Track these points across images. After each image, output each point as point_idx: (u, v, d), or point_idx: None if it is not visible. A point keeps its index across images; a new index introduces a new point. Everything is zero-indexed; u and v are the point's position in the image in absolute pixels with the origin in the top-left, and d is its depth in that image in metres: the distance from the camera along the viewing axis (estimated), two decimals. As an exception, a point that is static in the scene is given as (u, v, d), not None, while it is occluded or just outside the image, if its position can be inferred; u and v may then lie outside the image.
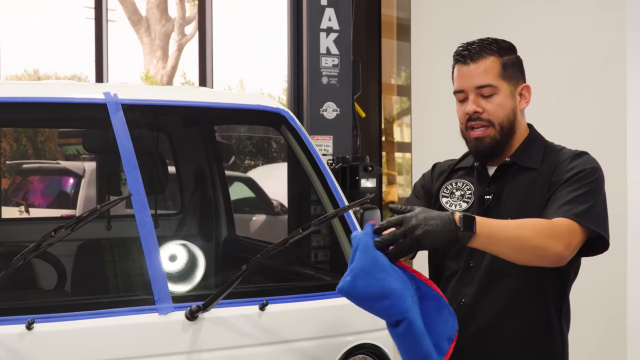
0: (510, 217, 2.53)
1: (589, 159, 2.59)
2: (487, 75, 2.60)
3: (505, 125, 2.62)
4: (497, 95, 2.61)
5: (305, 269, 3.66)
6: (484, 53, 2.62)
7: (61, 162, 11.22)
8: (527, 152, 2.65)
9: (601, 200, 2.54)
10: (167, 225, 4.24)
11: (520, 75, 2.68)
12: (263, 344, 3.00)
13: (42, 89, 3.27)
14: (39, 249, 2.54)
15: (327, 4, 5.30)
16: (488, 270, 2.60)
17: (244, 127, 11.85)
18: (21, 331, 2.65)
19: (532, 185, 2.59)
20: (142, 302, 2.85)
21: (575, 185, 2.50)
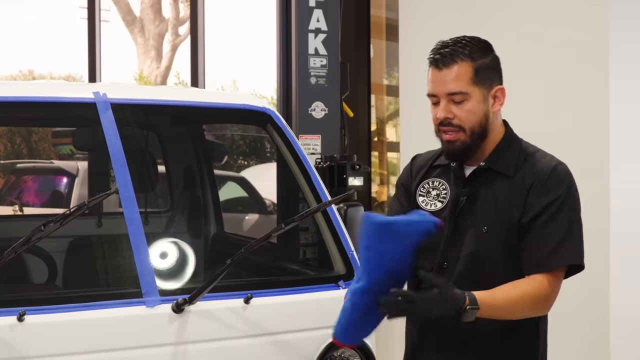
0: (484, 222, 2.61)
1: (563, 176, 2.63)
2: (459, 82, 2.61)
3: (477, 130, 2.63)
4: (468, 101, 2.62)
5: (291, 264, 3.75)
6: (456, 58, 2.62)
7: (55, 162, 11.29)
8: (501, 157, 2.68)
9: (577, 224, 2.61)
10: (157, 222, 4.33)
11: (495, 77, 2.69)
12: (247, 336, 3.10)
13: (33, 89, 3.36)
14: (29, 243, 2.63)
15: (315, 6, 5.37)
16: (460, 274, 2.66)
17: (236, 126, 11.92)
18: (13, 322, 2.74)
19: (507, 193, 2.63)
20: (130, 295, 2.95)
21: (554, 220, 2.56)
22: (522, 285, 2.54)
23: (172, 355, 2.95)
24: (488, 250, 2.61)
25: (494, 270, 2.60)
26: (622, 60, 4.80)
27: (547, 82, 5.11)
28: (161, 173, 4.49)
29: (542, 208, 2.57)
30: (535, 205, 2.58)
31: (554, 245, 2.54)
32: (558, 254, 2.54)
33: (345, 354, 3.29)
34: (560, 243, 2.54)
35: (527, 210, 2.58)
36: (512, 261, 2.61)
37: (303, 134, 5.30)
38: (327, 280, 3.33)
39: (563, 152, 4.80)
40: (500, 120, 2.74)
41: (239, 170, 12.93)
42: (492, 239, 2.60)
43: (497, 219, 2.60)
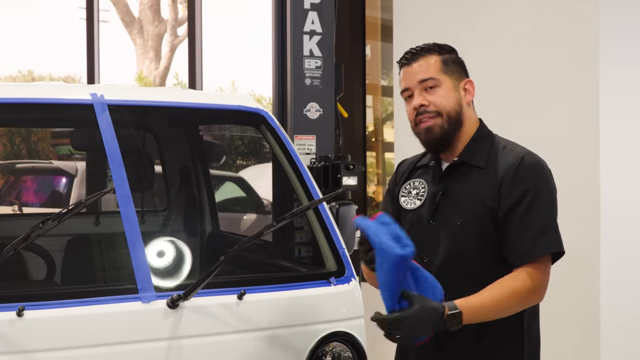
0: (459, 215, 2.71)
1: (532, 165, 2.71)
2: (429, 69, 2.79)
3: (453, 115, 2.77)
4: (440, 87, 2.77)
5: (285, 262, 3.83)
6: (424, 53, 2.82)
7: (54, 162, 11.36)
8: (474, 151, 2.79)
9: (554, 212, 2.71)
10: (154, 221, 4.41)
11: (463, 72, 2.85)
12: (241, 331, 3.17)
13: (32, 91, 3.44)
14: (28, 240, 2.71)
15: (310, 8, 5.44)
16: (440, 268, 2.75)
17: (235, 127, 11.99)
18: (12, 318, 2.81)
19: (480, 185, 2.73)
20: (126, 291, 3.03)
21: (531, 209, 2.65)
22: (508, 282, 2.62)
23: (167, 350, 3.02)
24: (463, 243, 2.71)
25: (470, 262, 2.70)
26: (612, 60, 4.87)
27: (538, 81, 5.17)
28: (158, 173, 4.57)
29: (517, 199, 2.65)
30: (508, 197, 2.66)
31: (535, 235, 2.62)
32: (541, 243, 2.63)
33: (337, 348, 3.36)
34: (541, 232, 2.63)
35: (502, 203, 2.67)
36: (487, 252, 2.70)
37: (298, 134, 5.37)
38: (319, 277, 3.40)
39: (553, 151, 4.94)
40: (474, 114, 2.86)
41: (237, 171, 12.99)
42: (466, 231, 2.70)
43: (471, 211, 2.70)
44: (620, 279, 4.91)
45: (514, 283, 2.62)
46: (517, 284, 2.62)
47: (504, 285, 2.63)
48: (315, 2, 5.43)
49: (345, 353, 3.36)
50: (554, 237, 2.67)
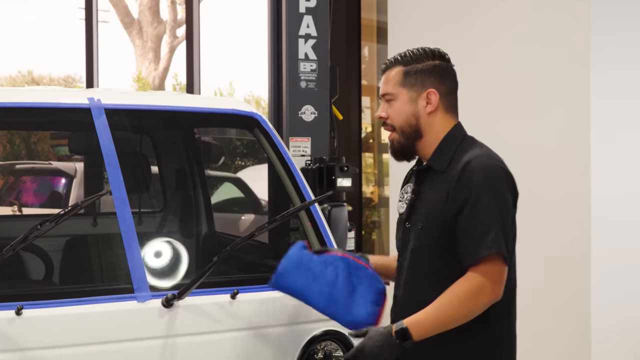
0: (421, 219, 2.81)
1: (476, 170, 2.74)
2: (388, 84, 2.89)
3: (406, 130, 2.86)
4: (395, 101, 2.87)
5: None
6: (391, 65, 2.91)
7: (53, 163, 11.41)
8: (439, 155, 2.86)
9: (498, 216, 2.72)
10: (150, 222, 4.49)
11: (430, 81, 2.86)
12: (234, 330, 3.26)
13: (32, 95, 3.52)
14: (27, 241, 2.79)
15: (305, 12, 5.52)
16: (409, 268, 2.87)
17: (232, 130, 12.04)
18: (11, 316, 2.90)
19: (441, 189, 2.80)
20: (122, 290, 3.12)
21: (474, 213, 2.70)
22: (450, 289, 2.69)
23: (161, 348, 3.10)
24: (423, 245, 2.81)
25: (431, 263, 2.80)
26: (603, 61, 4.90)
27: (530, 82, 5.20)
28: (155, 175, 4.65)
29: (462, 203, 2.72)
30: (455, 201, 2.74)
31: (477, 237, 2.68)
32: (482, 245, 2.67)
33: (328, 347, 3.45)
34: (482, 235, 2.67)
35: (450, 207, 2.74)
36: (445, 255, 2.77)
37: (293, 136, 5.45)
38: (311, 276, 3.48)
39: (544, 152, 5.00)
40: (441, 119, 2.89)
41: (235, 171, 13.05)
42: (426, 234, 2.80)
43: (430, 215, 2.79)
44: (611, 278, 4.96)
45: (454, 289, 2.69)
46: (456, 289, 2.69)
47: (446, 293, 2.70)
48: (310, 6, 5.51)
49: (336, 351, 3.44)
50: (495, 239, 2.68)
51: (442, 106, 2.88)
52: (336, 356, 3.44)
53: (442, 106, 2.88)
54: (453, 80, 2.93)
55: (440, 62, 2.91)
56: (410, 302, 2.84)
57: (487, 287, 2.67)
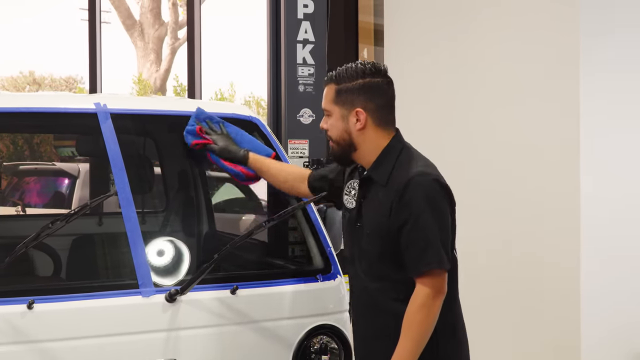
0: (368, 225, 3.03)
1: (417, 188, 2.94)
2: (325, 100, 3.12)
3: (341, 143, 3.08)
4: (330, 117, 3.10)
5: (276, 260, 4.07)
6: (328, 81, 3.11)
7: (57, 164, 11.54)
8: (379, 167, 3.06)
9: (437, 231, 2.94)
10: (153, 222, 4.66)
11: (358, 100, 3.03)
12: (234, 324, 3.41)
13: (41, 100, 3.70)
14: (39, 239, 2.96)
15: (303, 18, 5.69)
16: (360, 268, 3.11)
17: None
18: (23, 310, 3.06)
19: (383, 200, 3.01)
20: (128, 286, 3.27)
21: (416, 229, 2.91)
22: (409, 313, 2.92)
23: (165, 341, 3.26)
24: (370, 249, 3.04)
25: (380, 266, 3.03)
26: (592, 64, 4.96)
27: (521, 82, 5.28)
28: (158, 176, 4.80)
29: (404, 220, 2.93)
30: (397, 218, 2.95)
31: (418, 252, 2.92)
32: (423, 261, 2.91)
33: (324, 340, 3.61)
34: (423, 250, 2.91)
35: (392, 222, 2.96)
36: (389, 261, 3.01)
37: (292, 138, 5.62)
38: (307, 273, 3.65)
39: (534, 156, 5.12)
40: (375, 134, 3.07)
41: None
42: (372, 240, 3.03)
43: (374, 223, 3.02)
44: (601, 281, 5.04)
45: (411, 311, 2.92)
46: (413, 310, 2.91)
47: (407, 318, 2.93)
48: (308, 12, 5.67)
49: (331, 344, 3.60)
50: (436, 254, 2.91)
51: (371, 122, 3.05)
52: (331, 348, 3.60)
53: (371, 122, 3.05)
54: (383, 96, 3.06)
55: (370, 80, 3.04)
56: (368, 301, 3.11)
57: (433, 294, 2.92)
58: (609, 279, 5.08)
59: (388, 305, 3.02)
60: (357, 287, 3.14)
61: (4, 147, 14.02)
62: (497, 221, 5.40)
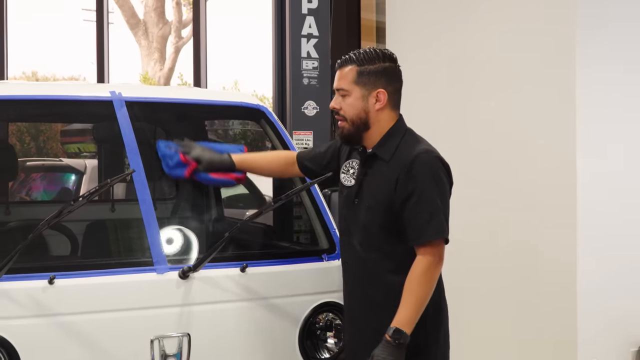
0: (369, 200, 3.23)
1: (424, 164, 3.17)
2: (343, 80, 3.26)
3: (356, 121, 3.26)
4: (349, 97, 3.26)
5: (284, 241, 4.25)
6: (347, 63, 3.27)
7: (64, 160, 11.67)
8: (384, 145, 3.27)
9: (441, 204, 3.17)
10: (165, 208, 4.82)
11: (380, 81, 3.24)
12: (243, 300, 3.58)
13: (59, 89, 3.87)
14: (61, 216, 3.13)
15: (307, 13, 5.84)
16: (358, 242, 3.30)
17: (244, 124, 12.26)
18: (44, 285, 3.23)
19: (385, 175, 3.22)
20: (143, 263, 3.45)
21: (420, 202, 3.13)
22: (411, 279, 3.13)
23: (178, 315, 3.42)
24: (371, 223, 3.24)
25: (378, 239, 3.23)
26: (589, 57, 5.02)
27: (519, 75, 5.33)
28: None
29: (409, 193, 3.14)
30: (403, 191, 3.16)
31: (422, 223, 3.13)
32: (427, 230, 3.13)
33: (329, 316, 3.78)
34: (427, 221, 3.13)
35: (398, 194, 3.16)
36: (388, 233, 3.22)
37: (296, 130, 5.78)
38: (312, 253, 3.83)
39: (530, 148, 5.21)
40: (388, 116, 3.30)
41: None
42: (373, 213, 3.23)
43: (377, 198, 3.22)
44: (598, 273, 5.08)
45: (412, 276, 3.12)
46: (414, 275, 3.12)
47: (408, 283, 3.13)
48: (312, 7, 5.83)
49: (336, 321, 3.77)
50: (439, 224, 3.14)
51: (389, 104, 3.28)
52: (336, 324, 3.76)
53: (389, 104, 3.28)
54: (399, 81, 3.31)
55: (390, 64, 3.27)
56: (361, 271, 3.30)
57: (434, 263, 3.14)
58: (606, 272, 5.15)
59: (381, 275, 3.24)
60: (351, 258, 3.34)
61: (11, 144, 14.11)
62: (492, 213, 5.47)
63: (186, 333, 3.43)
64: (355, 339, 3.36)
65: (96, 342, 3.30)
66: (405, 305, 3.10)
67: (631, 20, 5.27)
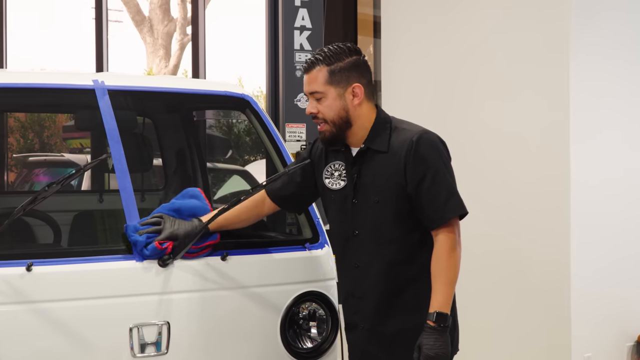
0: (374, 194, 3.20)
1: (429, 143, 3.18)
2: (315, 83, 3.21)
3: (337, 121, 3.21)
4: (325, 99, 3.21)
5: (267, 230, 4.22)
6: (314, 64, 3.21)
7: (65, 155, 11.74)
8: (376, 137, 3.24)
9: (452, 180, 3.19)
10: (153, 199, 4.82)
11: (352, 77, 3.21)
12: (224, 289, 3.56)
13: (40, 77, 3.86)
14: (35, 202, 3.12)
15: (300, 5, 5.86)
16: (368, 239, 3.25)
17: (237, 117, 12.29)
18: (22, 272, 3.21)
19: (387, 166, 3.20)
20: (122, 251, 3.43)
21: (435, 182, 3.13)
22: (437, 259, 3.12)
23: (157, 303, 3.40)
24: (381, 217, 3.20)
25: (392, 231, 3.20)
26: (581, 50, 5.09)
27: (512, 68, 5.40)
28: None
29: (422, 176, 3.13)
30: (415, 174, 3.14)
31: (443, 202, 3.12)
32: (449, 208, 3.12)
33: (311, 306, 3.76)
34: (447, 199, 3.12)
35: (410, 181, 3.14)
36: (403, 221, 3.19)
37: (289, 122, 5.78)
38: (295, 242, 3.80)
39: (523, 141, 5.21)
40: (367, 109, 3.27)
41: (244, 165, 13.33)
42: (382, 207, 3.19)
43: (384, 189, 3.18)
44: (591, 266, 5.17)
45: (439, 256, 3.12)
46: (440, 255, 3.12)
47: (435, 263, 3.12)
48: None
49: (319, 310, 3.75)
50: (457, 201, 3.17)
51: (365, 96, 3.24)
52: (319, 314, 3.74)
53: (365, 96, 3.24)
54: (369, 72, 3.28)
55: (357, 57, 3.24)
56: (375, 269, 3.25)
57: (455, 240, 3.14)
58: (600, 268, 5.21)
59: (398, 270, 3.21)
60: (363, 259, 3.27)
61: (14, 141, 14.22)
62: (486, 210, 5.46)
63: (166, 321, 3.42)
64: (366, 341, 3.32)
65: (75, 330, 3.29)
66: (438, 288, 3.08)
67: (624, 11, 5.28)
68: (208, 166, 9.74)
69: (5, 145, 8.31)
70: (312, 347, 3.72)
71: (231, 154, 13.82)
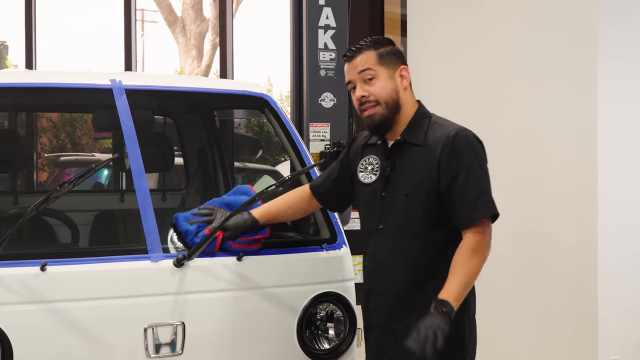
0: (405, 187, 3.15)
1: (465, 141, 3.13)
2: (367, 63, 3.18)
3: (390, 103, 3.18)
4: (376, 79, 3.17)
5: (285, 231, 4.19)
6: (361, 49, 3.20)
7: (96, 154, 11.82)
8: (414, 130, 3.21)
9: (487, 180, 3.13)
10: (174, 199, 4.81)
11: (398, 60, 3.22)
12: (239, 289, 3.54)
13: (58, 77, 3.86)
14: (48, 202, 3.12)
15: (324, 4, 5.80)
16: (393, 232, 3.21)
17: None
18: (36, 272, 3.22)
19: (421, 160, 3.16)
20: (138, 251, 3.42)
21: (468, 180, 3.08)
22: (460, 254, 3.06)
23: (172, 304, 3.40)
24: (409, 210, 3.15)
25: (417, 227, 3.14)
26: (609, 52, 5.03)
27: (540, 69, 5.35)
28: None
29: (456, 173, 3.08)
30: (448, 171, 3.09)
31: (472, 201, 3.06)
32: (479, 208, 3.06)
33: (329, 307, 3.72)
34: (476, 198, 3.06)
35: (443, 177, 3.10)
36: (430, 217, 3.14)
37: (313, 122, 5.73)
38: (313, 243, 3.77)
39: (550, 146, 5.17)
40: (412, 97, 3.25)
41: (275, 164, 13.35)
42: (411, 201, 3.14)
43: (415, 183, 3.13)
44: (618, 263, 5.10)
45: (463, 252, 3.06)
46: (464, 251, 3.06)
47: (458, 257, 3.06)
48: (330, -2, 5.80)
49: (336, 312, 3.71)
50: (488, 201, 3.11)
51: (409, 82, 3.24)
52: (337, 315, 3.71)
53: (409, 82, 3.24)
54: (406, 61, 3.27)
55: (395, 47, 3.25)
56: (397, 264, 3.20)
57: (485, 242, 3.09)
58: (627, 269, 5.16)
59: (424, 266, 3.16)
60: (386, 253, 3.22)
61: (46, 141, 14.33)
62: (516, 199, 5.43)
63: (181, 322, 3.41)
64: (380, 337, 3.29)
65: (89, 330, 3.29)
66: (451, 280, 3.02)
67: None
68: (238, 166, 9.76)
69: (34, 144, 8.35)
70: (329, 349, 3.69)
71: (261, 153, 13.83)
